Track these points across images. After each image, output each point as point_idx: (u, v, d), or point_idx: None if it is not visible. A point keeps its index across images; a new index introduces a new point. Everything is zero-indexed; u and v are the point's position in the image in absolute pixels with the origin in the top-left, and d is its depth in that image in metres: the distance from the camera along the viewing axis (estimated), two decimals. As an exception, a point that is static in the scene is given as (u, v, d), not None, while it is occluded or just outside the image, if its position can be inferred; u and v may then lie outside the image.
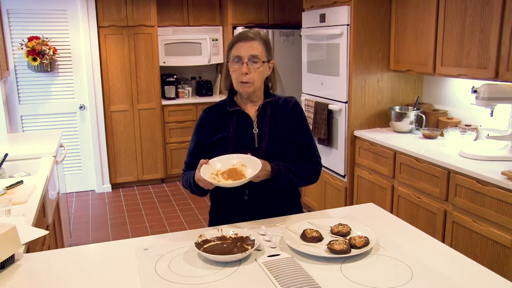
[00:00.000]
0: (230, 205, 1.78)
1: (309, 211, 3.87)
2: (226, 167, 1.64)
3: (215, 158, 1.65)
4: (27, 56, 4.47)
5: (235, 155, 1.67)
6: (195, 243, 1.44)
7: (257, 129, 1.75)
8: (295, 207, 1.86)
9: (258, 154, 1.71)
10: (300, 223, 1.62)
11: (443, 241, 2.63)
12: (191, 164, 1.79)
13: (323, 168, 3.88)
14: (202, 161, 1.61)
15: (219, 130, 1.75)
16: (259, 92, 1.78)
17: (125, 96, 5.01)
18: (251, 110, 1.78)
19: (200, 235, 1.50)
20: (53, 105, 4.85)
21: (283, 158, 1.75)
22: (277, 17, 5.34)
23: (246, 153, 1.68)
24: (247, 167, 1.63)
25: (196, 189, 1.68)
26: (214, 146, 1.75)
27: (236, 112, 1.76)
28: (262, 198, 1.74)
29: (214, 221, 1.85)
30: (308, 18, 3.97)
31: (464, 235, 2.52)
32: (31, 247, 1.71)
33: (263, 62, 1.70)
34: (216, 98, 5.49)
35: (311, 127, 3.87)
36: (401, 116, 3.36)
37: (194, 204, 4.62)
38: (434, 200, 2.74)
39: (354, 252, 1.40)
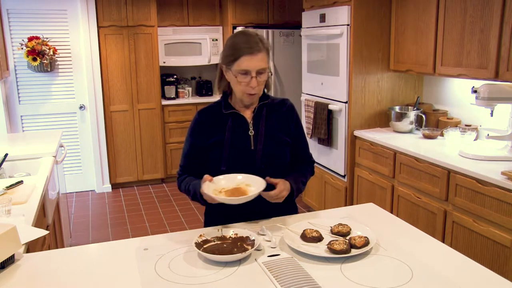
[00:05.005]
0: (224, 206, 1.77)
1: (309, 211, 3.87)
2: (230, 186, 1.64)
3: (220, 176, 1.66)
4: (27, 56, 4.47)
5: (239, 175, 1.67)
6: (195, 243, 1.44)
7: (253, 131, 1.75)
8: (290, 208, 1.86)
9: (254, 156, 1.72)
10: (300, 223, 1.62)
11: (443, 241, 2.63)
12: (187, 168, 1.79)
13: (323, 168, 3.91)
14: (206, 177, 1.60)
15: (214, 133, 1.74)
16: None
17: (125, 96, 5.01)
18: (247, 112, 1.77)
19: (200, 235, 1.50)
20: (53, 105, 4.85)
21: (278, 160, 1.76)
22: (277, 17, 5.34)
23: (242, 156, 1.70)
24: (251, 186, 1.63)
25: (201, 199, 1.65)
26: (210, 149, 1.74)
27: (232, 115, 1.76)
28: (256, 199, 1.73)
29: (209, 222, 1.84)
30: (308, 18, 3.97)
31: (464, 235, 2.52)
32: (31, 247, 1.71)
33: (268, 71, 1.70)
34: (216, 98, 5.43)
35: (311, 127, 3.88)
36: (401, 116, 3.36)
37: (194, 204, 4.62)
38: (434, 200, 2.74)
39: (354, 252, 1.40)
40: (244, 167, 1.70)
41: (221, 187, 1.62)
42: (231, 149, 1.72)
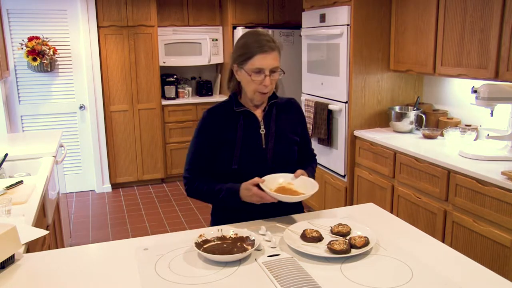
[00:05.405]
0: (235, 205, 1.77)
1: (309, 211, 3.86)
2: (275, 186, 1.68)
3: (279, 174, 1.71)
4: (27, 56, 4.47)
5: (290, 174, 1.72)
6: (195, 243, 1.44)
7: (264, 130, 1.76)
8: (297, 206, 1.87)
9: (265, 154, 1.73)
10: (300, 223, 1.62)
11: (443, 241, 2.63)
12: (196, 169, 1.76)
13: (323, 168, 3.91)
14: (257, 179, 1.62)
15: (225, 131, 1.74)
16: None
17: (125, 96, 5.01)
18: (257, 111, 1.79)
19: (200, 235, 1.50)
20: (53, 105, 4.85)
21: (288, 158, 1.79)
22: (277, 17, 5.34)
23: (254, 154, 1.72)
24: (292, 184, 1.69)
25: (238, 200, 1.66)
26: (220, 147, 1.73)
27: (243, 113, 1.76)
28: None
29: (216, 221, 1.84)
30: (308, 18, 3.97)
31: (464, 235, 2.52)
32: (31, 247, 1.71)
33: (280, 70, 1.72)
34: (216, 98, 5.49)
35: (311, 127, 3.88)
36: (401, 116, 3.36)
37: (194, 204, 4.62)
38: (434, 200, 2.74)
39: (354, 252, 1.40)
40: (256, 166, 1.71)
41: (269, 187, 1.65)
42: (243, 147, 1.72)
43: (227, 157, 1.72)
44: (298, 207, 1.88)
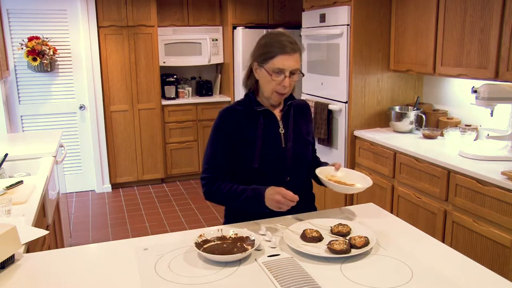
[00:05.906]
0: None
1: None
2: (323, 177, 1.76)
3: (332, 167, 1.82)
4: (27, 56, 4.47)
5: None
6: (195, 243, 1.44)
7: (283, 129, 1.77)
8: (310, 206, 1.91)
9: (285, 153, 1.75)
10: (300, 223, 1.62)
11: (443, 241, 2.63)
12: (215, 168, 1.73)
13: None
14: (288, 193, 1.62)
15: (245, 130, 1.73)
16: None
17: (125, 96, 5.01)
18: (276, 110, 1.80)
19: (200, 235, 1.50)
20: (53, 105, 4.85)
21: (305, 158, 1.81)
22: (277, 17, 5.34)
23: (274, 153, 1.74)
24: (337, 176, 1.79)
25: (263, 203, 1.62)
26: (240, 146, 1.73)
27: (263, 112, 1.76)
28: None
29: (230, 220, 1.81)
30: (308, 18, 3.97)
31: (464, 235, 2.52)
32: (31, 247, 1.71)
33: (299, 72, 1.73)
34: (216, 98, 5.49)
35: (311, 127, 3.89)
36: (401, 116, 3.36)
37: (194, 204, 4.62)
38: (434, 200, 2.74)
39: (354, 252, 1.40)
40: (275, 165, 1.73)
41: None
42: (264, 146, 1.73)
43: (246, 156, 1.72)
44: (312, 206, 1.90)
